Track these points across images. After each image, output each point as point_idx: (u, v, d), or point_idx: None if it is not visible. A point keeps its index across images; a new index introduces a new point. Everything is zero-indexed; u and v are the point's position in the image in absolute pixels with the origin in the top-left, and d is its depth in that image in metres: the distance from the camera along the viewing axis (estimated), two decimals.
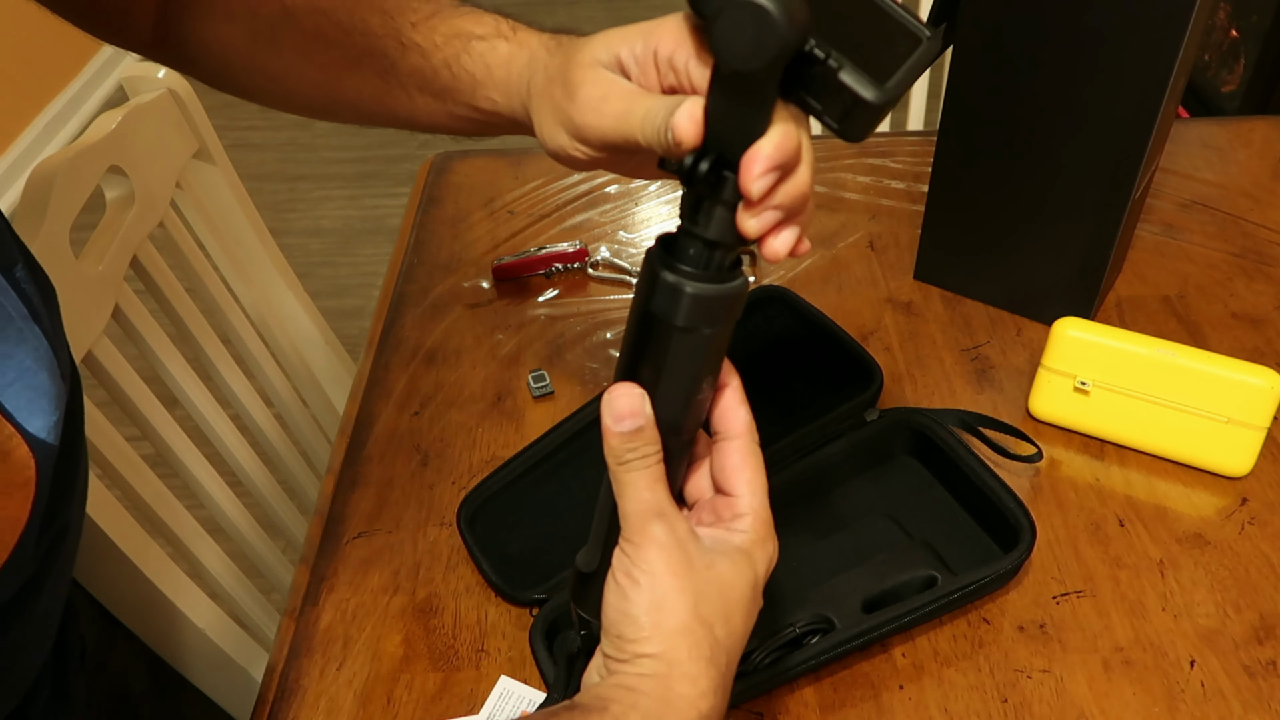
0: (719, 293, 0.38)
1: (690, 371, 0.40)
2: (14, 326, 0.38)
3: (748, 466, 0.43)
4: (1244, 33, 1.76)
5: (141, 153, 0.75)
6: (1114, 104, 0.66)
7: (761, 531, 0.42)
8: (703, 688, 0.39)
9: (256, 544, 0.86)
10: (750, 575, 0.41)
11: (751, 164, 0.35)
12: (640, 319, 0.40)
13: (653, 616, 0.39)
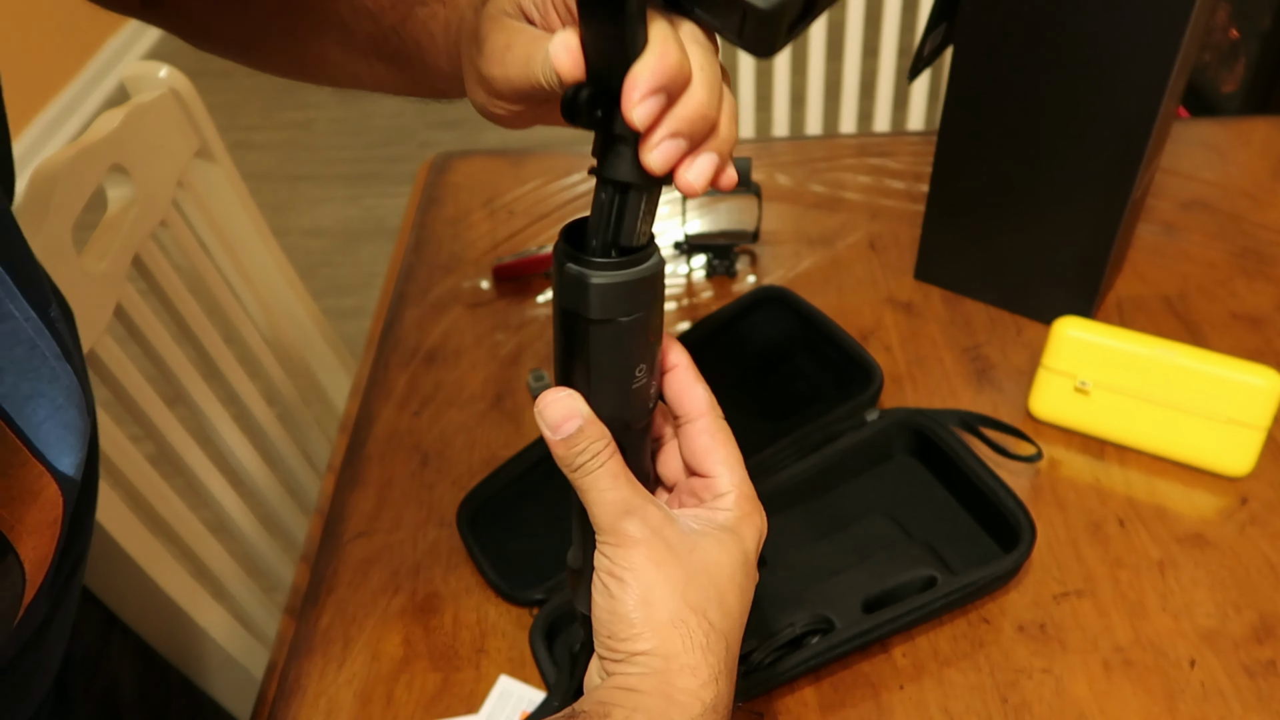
0: (629, 278, 0.36)
1: (618, 363, 0.38)
2: (48, 366, 0.38)
3: (719, 445, 0.41)
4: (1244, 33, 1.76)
5: (143, 151, 0.75)
6: (1114, 104, 0.66)
7: (746, 507, 0.41)
8: (704, 677, 0.38)
9: (258, 543, 0.86)
10: (738, 552, 0.40)
11: (630, 90, 0.32)
12: (558, 316, 0.38)
13: (642, 612, 0.38)
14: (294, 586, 0.65)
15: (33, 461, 0.37)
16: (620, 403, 0.39)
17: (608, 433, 0.39)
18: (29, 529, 0.38)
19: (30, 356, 0.37)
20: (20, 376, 0.37)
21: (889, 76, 1.41)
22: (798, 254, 0.86)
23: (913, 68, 0.74)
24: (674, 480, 0.44)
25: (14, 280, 0.37)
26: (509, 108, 0.43)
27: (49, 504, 0.38)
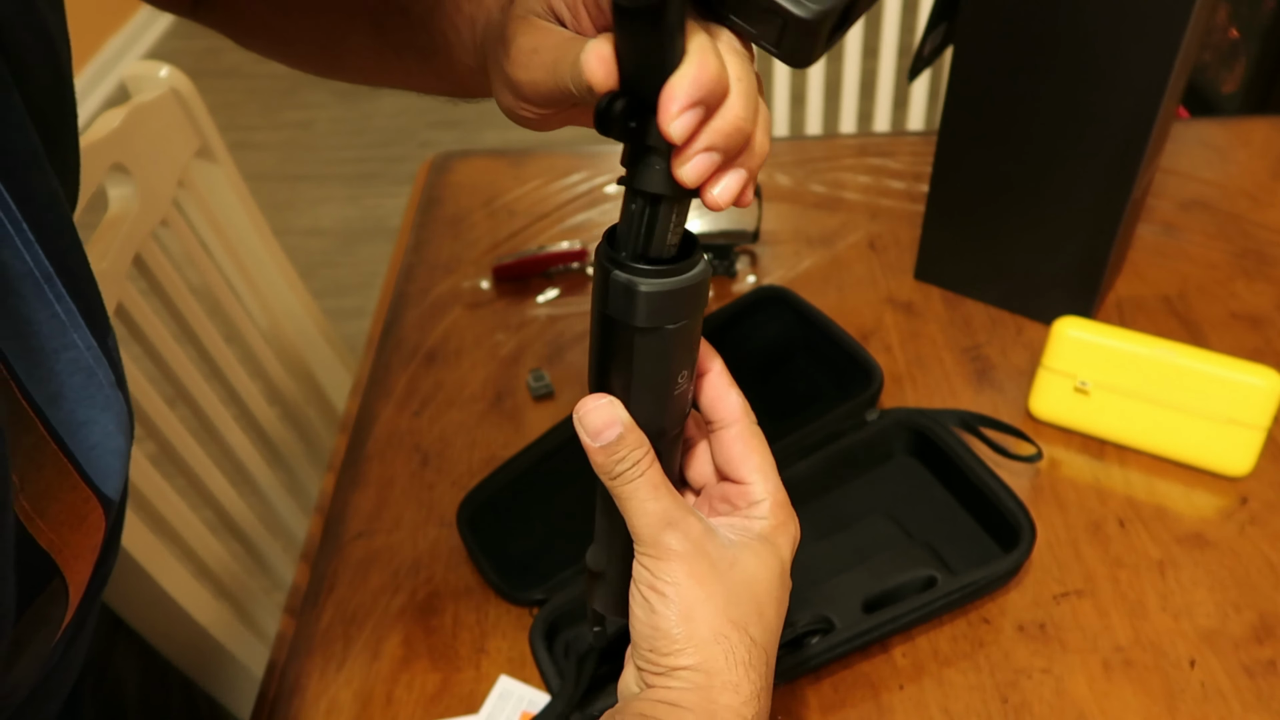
0: (677, 286, 0.35)
1: (662, 371, 0.38)
2: (103, 394, 0.39)
3: (753, 452, 0.41)
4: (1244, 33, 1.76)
5: (144, 151, 0.75)
6: (1114, 104, 0.66)
7: (781, 515, 0.41)
8: (746, 694, 0.38)
9: (258, 542, 0.86)
10: (776, 563, 0.40)
11: (668, 103, 0.31)
12: (600, 323, 0.38)
13: (684, 628, 0.38)
14: (294, 586, 0.66)
15: (82, 486, 0.38)
16: (659, 410, 0.39)
17: (647, 441, 0.39)
18: (75, 553, 0.38)
19: (88, 384, 0.38)
20: (77, 403, 0.38)
21: (889, 76, 1.41)
22: (798, 254, 0.87)
23: (913, 68, 0.74)
24: (702, 483, 0.43)
25: (80, 310, 0.38)
26: (536, 111, 0.42)
27: (94, 528, 0.39)
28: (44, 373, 0.36)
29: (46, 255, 0.36)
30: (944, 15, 0.71)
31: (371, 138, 2.61)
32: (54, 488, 0.37)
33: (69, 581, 0.38)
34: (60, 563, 0.37)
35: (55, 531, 0.37)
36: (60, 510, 0.37)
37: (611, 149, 1.01)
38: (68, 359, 0.37)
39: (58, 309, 0.37)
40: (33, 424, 0.36)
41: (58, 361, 0.37)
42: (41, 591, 0.37)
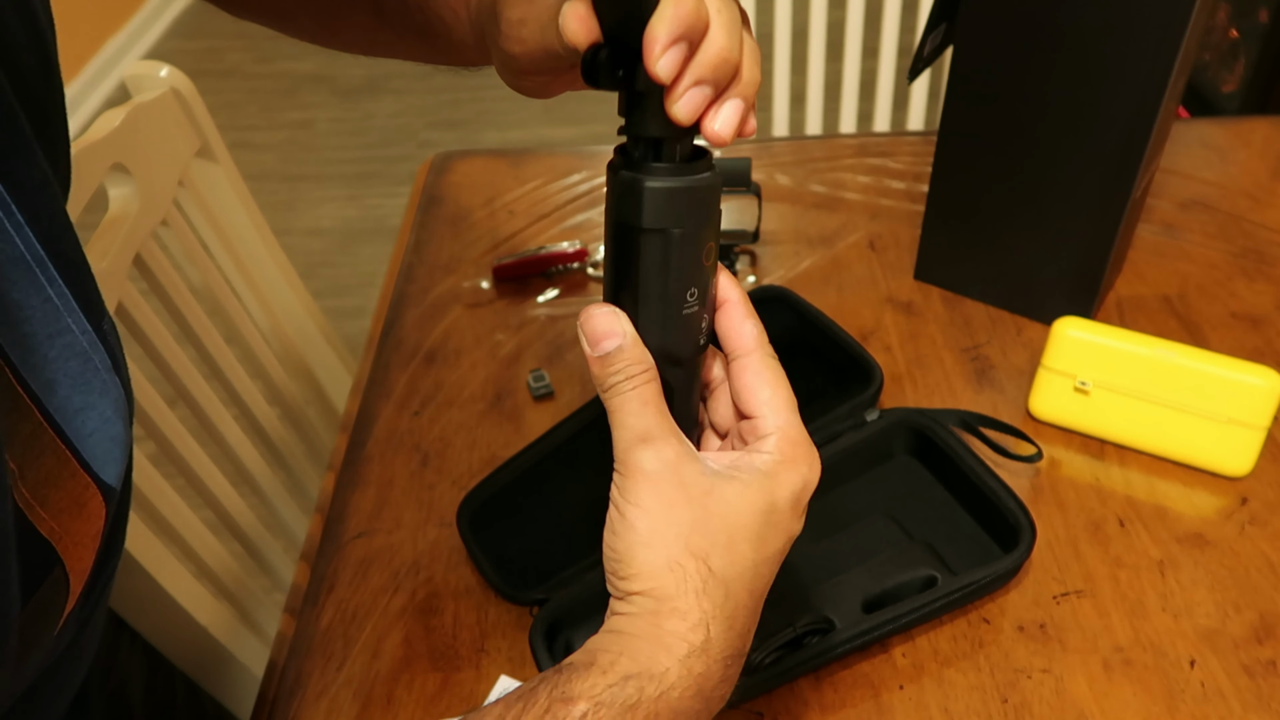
0: (682, 185, 0.36)
1: (668, 282, 0.37)
2: (99, 379, 0.38)
3: (764, 384, 0.39)
4: (1244, 33, 1.76)
5: (144, 151, 0.75)
6: (1114, 104, 0.66)
7: (789, 451, 0.39)
8: (693, 620, 0.37)
9: (259, 542, 0.86)
10: (764, 499, 0.38)
11: (651, 44, 0.32)
12: (610, 232, 0.38)
13: (640, 553, 0.37)
14: (294, 586, 0.66)
15: (81, 473, 0.38)
16: (667, 328, 0.38)
17: (650, 360, 0.38)
18: (75, 540, 0.38)
19: (84, 370, 0.38)
20: (73, 389, 0.37)
21: (889, 76, 1.41)
22: (798, 254, 0.87)
23: (913, 68, 0.74)
24: (726, 427, 0.42)
25: (74, 295, 0.37)
26: (535, 79, 0.42)
27: (94, 515, 0.39)
28: (39, 359, 0.36)
29: (38, 240, 0.36)
30: (944, 15, 0.71)
31: (371, 138, 2.61)
32: (53, 475, 0.36)
33: (69, 570, 0.38)
34: (60, 550, 0.37)
35: (55, 520, 0.36)
36: (60, 498, 0.37)
37: (611, 149, 1.01)
38: (62, 344, 0.37)
39: (51, 294, 0.36)
40: (29, 411, 0.35)
41: (52, 347, 0.37)
42: (44, 580, 0.37)
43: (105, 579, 0.46)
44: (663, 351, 0.38)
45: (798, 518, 0.39)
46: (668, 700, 0.36)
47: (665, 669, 0.36)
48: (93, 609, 0.46)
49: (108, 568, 0.45)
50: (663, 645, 0.37)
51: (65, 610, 0.39)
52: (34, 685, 0.42)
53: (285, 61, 2.96)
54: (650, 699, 0.36)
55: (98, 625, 0.49)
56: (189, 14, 3.27)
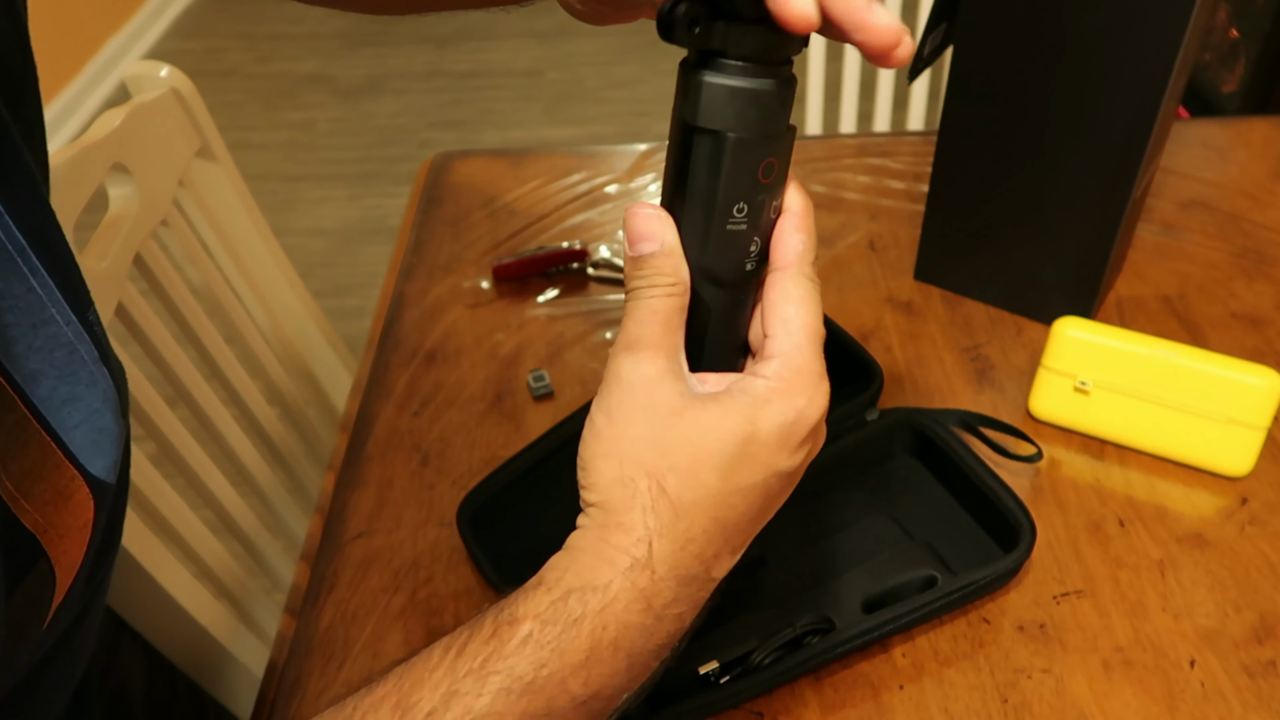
0: (743, 85, 0.33)
1: (715, 188, 0.35)
2: (86, 370, 0.38)
3: (788, 301, 0.37)
4: (1244, 33, 1.76)
5: (144, 151, 0.75)
6: (1114, 104, 0.66)
7: (788, 378, 0.36)
8: (637, 535, 0.36)
9: (259, 542, 0.86)
10: (743, 427, 0.36)
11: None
12: (672, 131, 0.36)
13: (599, 463, 0.36)
14: (294, 586, 0.66)
15: (66, 465, 0.37)
16: (708, 241, 0.36)
17: (682, 275, 0.36)
18: (61, 533, 0.38)
19: (70, 360, 0.37)
20: (59, 380, 0.37)
21: (889, 76, 1.41)
22: None
23: (913, 68, 0.74)
24: (756, 345, 0.40)
25: (57, 285, 0.37)
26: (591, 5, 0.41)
27: (80, 508, 0.38)
28: (22, 349, 0.36)
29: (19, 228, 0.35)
30: (944, 15, 0.71)
31: (371, 138, 2.61)
32: (38, 467, 0.36)
33: (55, 563, 0.38)
34: (45, 543, 0.37)
35: (40, 512, 0.36)
36: (45, 490, 0.36)
37: (611, 149, 1.01)
38: (47, 335, 0.36)
39: (33, 283, 0.36)
40: (13, 402, 0.35)
41: (36, 338, 0.36)
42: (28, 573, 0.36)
43: (101, 574, 0.45)
44: (701, 266, 0.36)
45: (787, 452, 0.37)
46: (613, 612, 0.35)
47: (608, 581, 0.35)
48: (87, 603, 0.45)
49: (103, 562, 0.45)
50: (605, 558, 0.36)
51: (53, 603, 0.39)
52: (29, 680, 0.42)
53: (285, 61, 2.96)
54: (594, 612, 0.35)
55: (94, 621, 0.48)
56: (189, 14, 3.27)
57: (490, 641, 0.35)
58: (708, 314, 0.38)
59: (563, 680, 0.35)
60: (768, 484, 0.37)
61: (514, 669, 0.34)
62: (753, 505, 0.37)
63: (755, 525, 0.38)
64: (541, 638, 0.35)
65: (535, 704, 0.34)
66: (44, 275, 0.36)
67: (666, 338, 0.36)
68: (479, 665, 0.35)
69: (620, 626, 0.35)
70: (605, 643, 0.35)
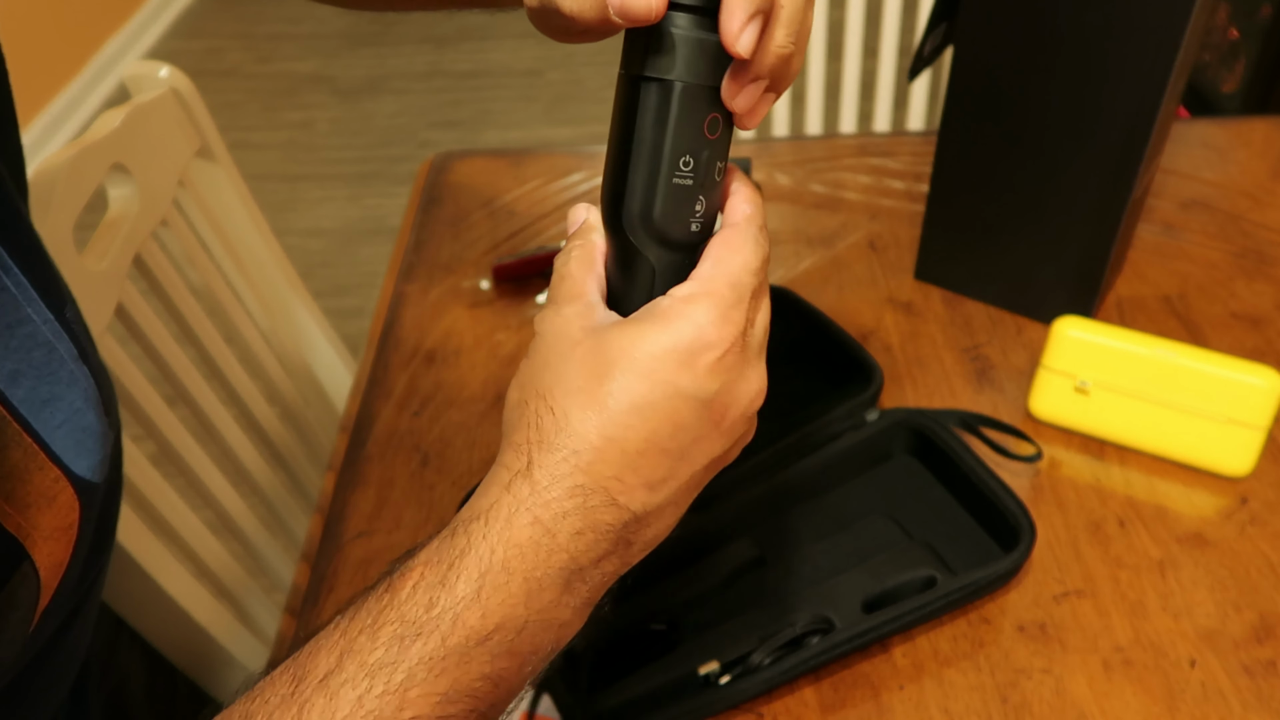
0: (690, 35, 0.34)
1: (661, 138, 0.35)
2: (65, 369, 0.38)
3: (726, 245, 0.37)
4: (1244, 33, 1.76)
5: (144, 151, 0.75)
6: (1114, 104, 0.66)
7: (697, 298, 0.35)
8: (517, 448, 0.35)
9: (259, 542, 0.86)
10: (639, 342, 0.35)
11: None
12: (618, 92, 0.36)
13: (508, 397, 0.37)
14: (294, 586, 0.66)
15: (49, 466, 0.37)
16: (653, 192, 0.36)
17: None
18: (44, 534, 0.37)
19: (49, 360, 0.37)
20: (39, 380, 0.37)
21: (889, 76, 1.41)
22: (798, 254, 0.87)
23: (913, 68, 0.74)
24: None
25: (31, 282, 0.37)
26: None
27: (65, 508, 0.38)
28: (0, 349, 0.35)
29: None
30: (944, 15, 0.71)
31: (371, 138, 2.61)
32: (19, 469, 0.35)
33: (39, 565, 0.37)
34: (29, 546, 0.36)
35: (22, 515, 0.36)
36: (27, 492, 0.36)
37: None
38: (24, 334, 0.36)
39: (7, 283, 0.36)
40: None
41: (13, 337, 0.36)
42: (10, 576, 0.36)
43: (94, 574, 0.45)
44: (647, 222, 0.37)
45: (691, 373, 0.34)
46: (498, 532, 0.34)
47: (494, 502, 0.34)
48: (80, 603, 0.45)
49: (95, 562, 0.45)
50: (494, 480, 0.35)
51: (39, 606, 0.38)
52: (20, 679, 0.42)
53: (285, 61, 2.96)
54: (479, 537, 0.34)
55: (89, 620, 0.48)
56: (189, 14, 3.27)
57: (383, 597, 0.34)
58: (651, 276, 0.38)
59: (456, 615, 0.33)
60: (671, 405, 0.34)
61: (405, 615, 0.33)
62: (656, 429, 0.34)
63: (674, 458, 0.36)
64: (431, 577, 0.33)
65: (429, 645, 0.32)
66: (17, 274, 0.36)
67: (575, 288, 0.38)
68: (371, 621, 0.33)
69: (508, 545, 0.34)
70: (496, 566, 0.33)
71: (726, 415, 0.36)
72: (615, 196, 0.37)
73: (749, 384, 0.37)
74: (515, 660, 0.34)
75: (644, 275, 0.38)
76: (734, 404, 0.36)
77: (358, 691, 0.32)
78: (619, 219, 0.38)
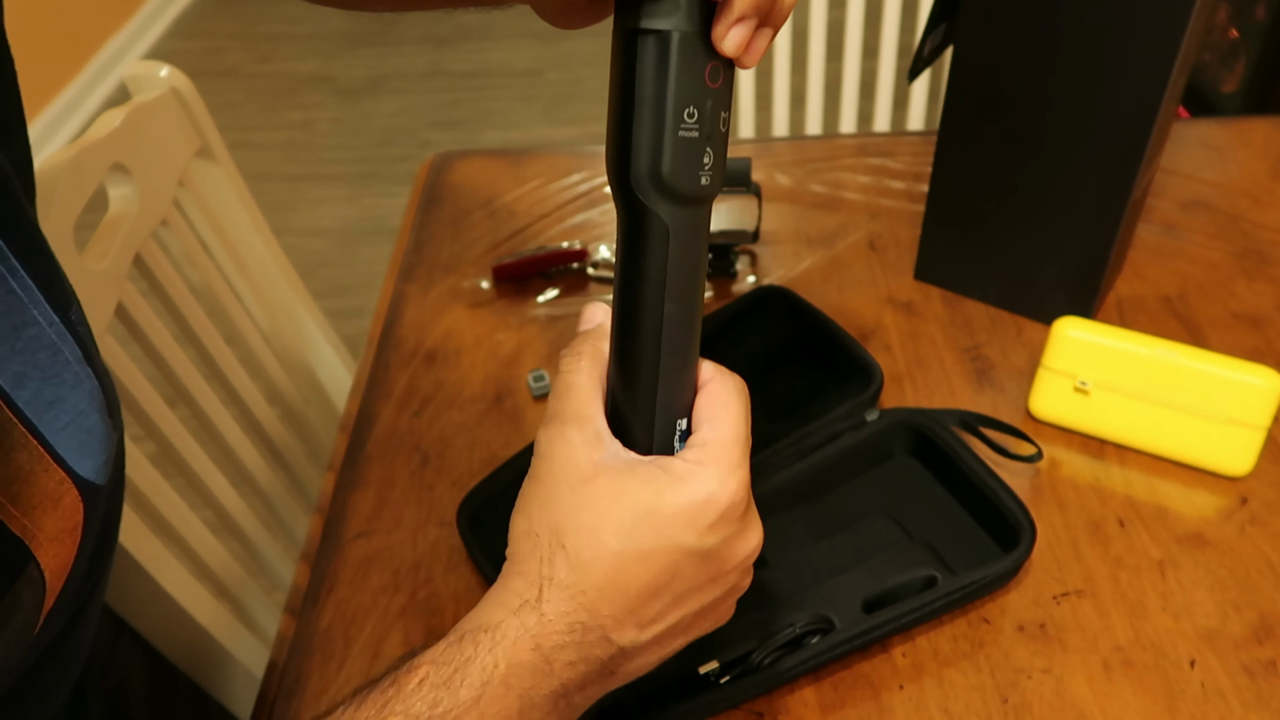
0: None
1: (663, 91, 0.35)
2: (70, 371, 0.38)
3: (718, 402, 0.40)
4: (1244, 33, 1.76)
5: (144, 151, 0.75)
6: (1114, 104, 0.66)
7: (706, 463, 0.38)
8: (530, 579, 0.38)
9: (259, 542, 0.86)
10: (649, 499, 0.37)
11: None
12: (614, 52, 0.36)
13: (515, 521, 0.39)
14: (294, 586, 0.66)
15: (54, 468, 0.37)
16: (660, 147, 0.36)
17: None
18: (50, 536, 0.37)
19: (53, 362, 0.37)
20: (43, 382, 0.37)
21: (889, 76, 1.41)
22: (798, 254, 0.87)
23: (913, 68, 0.74)
24: None
25: (37, 285, 0.37)
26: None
27: (69, 510, 0.38)
28: (4, 352, 0.35)
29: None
30: (944, 15, 0.71)
31: (371, 138, 2.61)
32: (25, 471, 0.36)
33: (45, 567, 0.37)
34: (34, 548, 0.36)
35: (27, 516, 0.36)
36: (32, 494, 0.36)
37: None
38: (29, 336, 0.36)
39: (13, 284, 0.36)
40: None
41: (19, 339, 0.36)
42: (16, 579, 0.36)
43: (97, 575, 0.45)
44: (656, 180, 0.36)
45: (695, 531, 0.38)
46: (503, 649, 0.37)
47: (499, 621, 0.37)
48: (83, 604, 0.45)
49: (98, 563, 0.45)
50: (500, 602, 0.38)
51: (44, 608, 0.38)
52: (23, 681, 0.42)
53: (285, 61, 2.96)
54: (485, 650, 0.36)
55: (91, 621, 0.48)
56: (189, 14, 3.27)
57: (389, 690, 0.36)
58: (665, 239, 0.38)
59: (457, 717, 0.35)
60: (673, 558, 0.38)
61: (410, 709, 0.35)
62: (656, 577, 0.38)
63: (667, 602, 0.39)
64: (436, 678, 0.36)
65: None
66: (23, 276, 0.36)
67: (583, 409, 0.39)
68: (376, 712, 0.35)
69: (510, 664, 0.36)
70: (496, 679, 0.36)
71: (723, 567, 0.40)
72: (621, 157, 0.37)
73: (748, 541, 0.40)
74: None
75: (658, 242, 0.38)
76: (732, 557, 0.40)
77: None
78: (627, 180, 0.37)
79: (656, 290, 0.39)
